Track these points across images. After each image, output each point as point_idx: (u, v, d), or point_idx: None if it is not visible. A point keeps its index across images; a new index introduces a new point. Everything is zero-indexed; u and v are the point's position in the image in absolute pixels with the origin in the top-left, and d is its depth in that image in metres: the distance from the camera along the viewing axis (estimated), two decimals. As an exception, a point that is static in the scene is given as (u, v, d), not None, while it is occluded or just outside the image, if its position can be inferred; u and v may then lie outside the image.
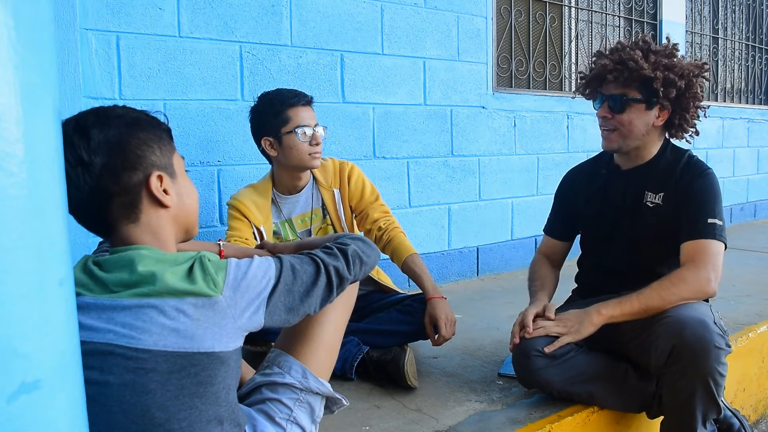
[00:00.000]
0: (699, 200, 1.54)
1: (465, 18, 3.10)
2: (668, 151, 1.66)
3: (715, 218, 1.51)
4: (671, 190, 1.60)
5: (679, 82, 1.55)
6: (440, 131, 3.06)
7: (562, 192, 1.89)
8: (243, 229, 1.88)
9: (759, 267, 3.32)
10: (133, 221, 0.97)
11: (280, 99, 1.84)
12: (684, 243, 1.52)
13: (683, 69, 1.56)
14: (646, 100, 1.57)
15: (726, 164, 4.88)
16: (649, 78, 1.53)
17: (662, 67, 1.55)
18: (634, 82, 1.56)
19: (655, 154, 1.66)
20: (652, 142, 1.64)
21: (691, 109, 1.60)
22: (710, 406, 1.42)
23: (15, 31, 0.60)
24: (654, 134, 1.63)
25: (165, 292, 0.90)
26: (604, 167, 1.77)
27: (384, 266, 2.25)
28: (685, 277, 1.45)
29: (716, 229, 1.50)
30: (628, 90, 1.58)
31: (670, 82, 1.54)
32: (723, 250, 1.50)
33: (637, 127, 1.59)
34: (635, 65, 1.54)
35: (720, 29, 5.09)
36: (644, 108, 1.58)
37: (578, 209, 1.81)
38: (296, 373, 1.16)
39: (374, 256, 1.21)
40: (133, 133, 0.95)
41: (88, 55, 2.07)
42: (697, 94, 1.59)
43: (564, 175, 1.91)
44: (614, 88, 1.59)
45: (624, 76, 1.56)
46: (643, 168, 1.67)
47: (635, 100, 1.57)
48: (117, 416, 0.90)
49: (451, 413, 1.59)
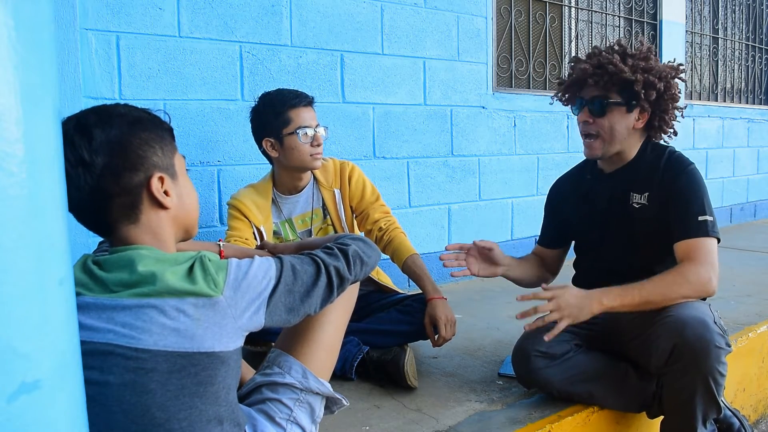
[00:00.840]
0: (685, 198, 1.53)
1: (465, 18, 3.11)
2: (648, 149, 1.66)
3: (705, 214, 1.50)
4: (655, 189, 1.59)
5: (658, 84, 1.55)
6: (440, 131, 3.06)
7: (550, 202, 1.90)
8: (243, 229, 1.88)
9: (759, 267, 3.32)
10: (133, 222, 0.96)
11: (281, 100, 1.84)
12: (678, 243, 1.51)
13: (660, 71, 1.57)
14: (626, 103, 1.57)
15: (726, 164, 4.88)
16: (630, 80, 1.54)
17: (641, 69, 1.55)
18: (614, 85, 1.56)
19: (635, 154, 1.66)
20: (632, 144, 1.64)
21: (669, 111, 1.61)
22: (710, 405, 1.42)
23: (15, 31, 0.60)
24: (634, 136, 1.63)
25: (165, 292, 0.90)
26: (589, 172, 1.78)
27: (384, 266, 2.25)
28: (687, 275, 1.45)
29: (708, 225, 1.49)
30: (607, 93, 1.58)
31: (649, 84, 1.55)
32: (717, 245, 1.50)
33: (618, 131, 1.59)
34: (615, 68, 1.54)
35: (720, 29, 5.09)
36: (625, 111, 1.58)
37: (567, 216, 1.81)
38: (296, 373, 1.16)
39: (375, 257, 1.21)
40: (135, 133, 0.95)
41: (88, 55, 2.07)
42: (675, 95, 1.59)
43: (551, 185, 1.92)
44: (594, 91, 1.59)
45: (604, 79, 1.56)
46: (625, 169, 1.67)
47: (616, 103, 1.58)
48: (117, 416, 0.90)
49: (451, 413, 1.59)
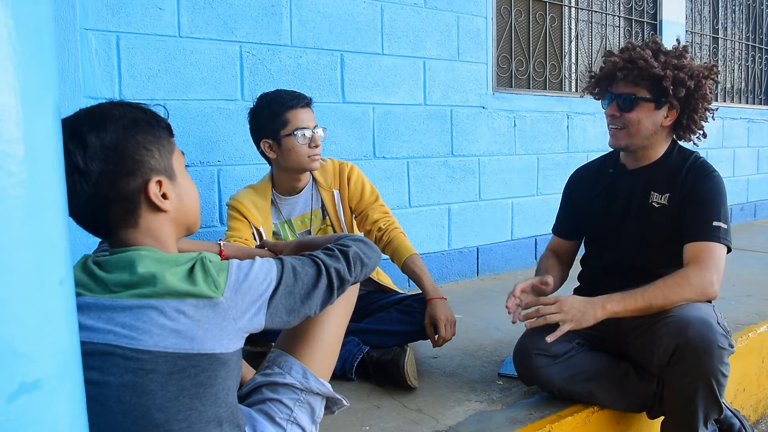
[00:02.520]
0: (704, 202, 1.53)
1: (465, 18, 3.10)
2: (675, 151, 1.66)
3: (720, 221, 1.50)
4: (677, 190, 1.59)
5: (689, 82, 1.54)
6: (440, 131, 3.06)
7: (569, 191, 1.89)
8: (242, 229, 1.88)
9: (759, 267, 3.32)
10: (132, 226, 0.96)
11: (278, 101, 1.83)
12: (687, 244, 1.51)
13: (693, 70, 1.56)
14: (655, 99, 1.57)
15: (726, 164, 4.88)
16: (659, 76, 1.53)
17: (672, 66, 1.54)
18: (644, 80, 1.56)
19: (662, 154, 1.65)
20: (659, 142, 1.64)
21: (699, 110, 1.60)
22: (712, 405, 1.42)
23: (15, 31, 0.60)
24: (661, 134, 1.63)
25: (165, 293, 0.89)
26: (611, 166, 1.77)
27: (384, 266, 2.25)
28: (689, 278, 1.45)
29: (721, 232, 1.49)
30: (637, 89, 1.57)
31: (679, 81, 1.54)
32: (726, 253, 1.50)
33: (645, 126, 1.58)
34: (645, 63, 1.54)
35: (720, 29, 5.09)
36: (653, 107, 1.58)
37: (584, 208, 1.81)
38: (297, 373, 1.15)
39: (375, 258, 1.21)
40: (131, 137, 0.93)
41: (88, 55, 2.07)
42: (707, 95, 1.58)
43: (571, 174, 1.91)
44: (624, 86, 1.59)
45: (634, 74, 1.56)
46: (649, 168, 1.66)
47: (644, 99, 1.57)
48: (117, 417, 0.89)
49: (451, 413, 1.59)
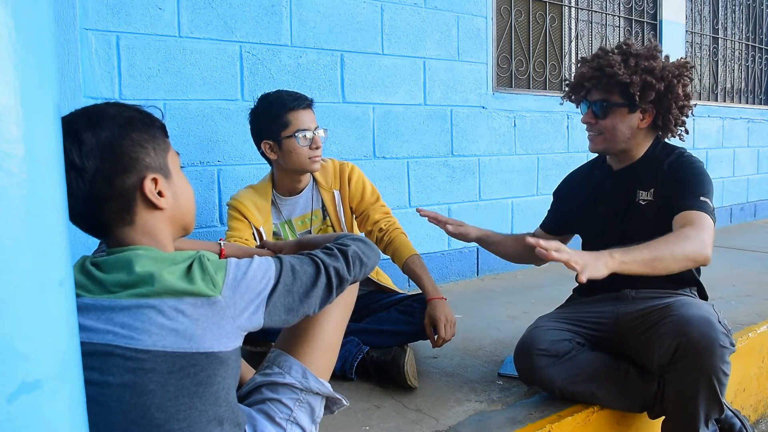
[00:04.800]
0: (689, 182, 1.53)
1: (465, 18, 3.10)
2: (658, 148, 1.66)
3: (706, 197, 1.50)
4: (659, 183, 1.60)
5: (658, 84, 1.55)
6: (440, 131, 3.06)
7: (559, 190, 1.94)
8: (242, 229, 1.88)
9: (759, 267, 3.32)
10: (128, 224, 0.96)
11: (280, 102, 1.83)
12: (677, 215, 1.49)
13: (663, 70, 1.56)
14: (628, 104, 1.58)
15: (726, 164, 4.88)
16: (627, 83, 1.54)
17: (641, 70, 1.55)
18: (615, 87, 1.57)
19: (644, 152, 1.67)
20: (639, 143, 1.65)
21: (673, 110, 1.60)
22: (713, 405, 1.41)
23: (15, 31, 0.60)
24: (640, 135, 1.64)
25: (163, 292, 0.89)
26: (598, 168, 1.80)
27: (384, 266, 2.25)
28: (688, 234, 1.42)
29: (707, 206, 1.48)
30: (609, 95, 1.59)
31: (648, 85, 1.55)
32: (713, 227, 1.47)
33: (620, 131, 1.61)
34: (611, 71, 1.55)
35: (720, 29, 5.09)
36: (626, 112, 1.59)
37: (573, 209, 1.83)
38: (296, 373, 1.15)
39: (374, 257, 1.21)
40: (126, 135, 0.94)
41: (88, 55, 2.07)
42: (679, 94, 1.59)
43: (564, 177, 1.95)
44: (596, 93, 1.62)
45: (603, 82, 1.58)
46: (633, 167, 1.68)
47: (617, 104, 1.59)
48: (117, 417, 0.90)
49: (451, 413, 1.59)
